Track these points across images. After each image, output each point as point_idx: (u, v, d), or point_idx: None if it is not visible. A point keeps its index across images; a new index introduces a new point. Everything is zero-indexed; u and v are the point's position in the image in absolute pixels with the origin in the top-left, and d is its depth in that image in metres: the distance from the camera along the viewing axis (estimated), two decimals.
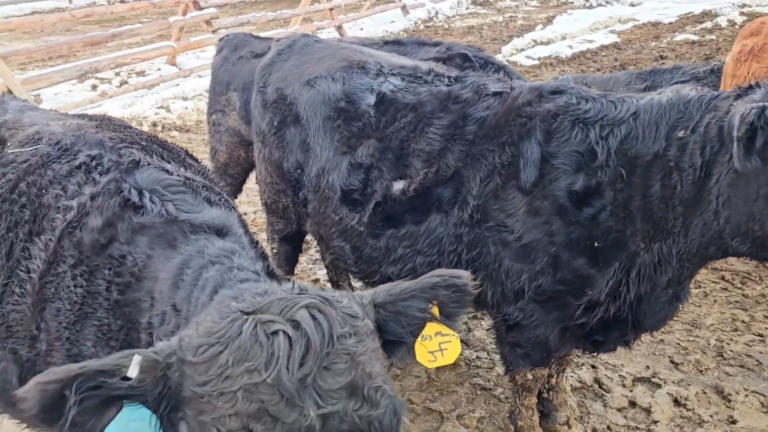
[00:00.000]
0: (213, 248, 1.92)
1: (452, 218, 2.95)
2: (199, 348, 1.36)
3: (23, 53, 10.33)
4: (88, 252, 2.03)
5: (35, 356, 2.12)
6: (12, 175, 2.39)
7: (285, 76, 3.65)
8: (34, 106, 3.21)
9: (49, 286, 2.06)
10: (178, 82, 11.65)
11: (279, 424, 1.27)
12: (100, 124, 2.78)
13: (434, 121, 3.02)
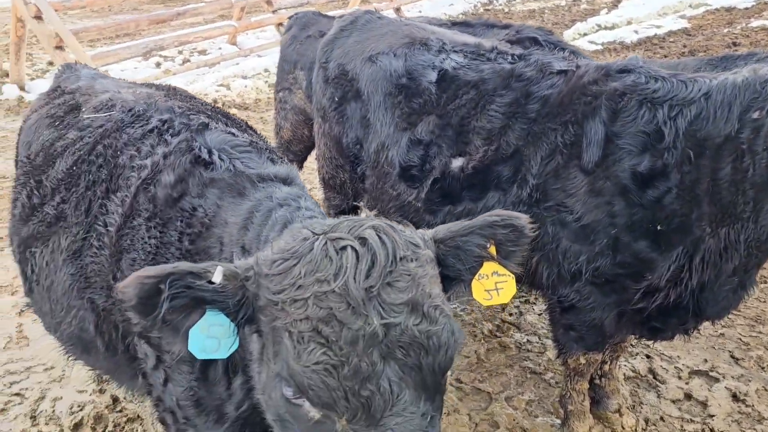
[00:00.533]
0: (280, 193, 2.04)
1: (510, 197, 2.93)
2: (274, 263, 1.49)
3: (93, 30, 10.70)
4: (162, 206, 2.14)
5: (111, 305, 2.24)
6: (89, 139, 2.52)
7: (347, 52, 3.68)
8: (105, 74, 3.35)
9: (126, 238, 2.18)
10: (238, 61, 11.84)
11: (345, 328, 1.37)
12: (168, 93, 2.89)
13: (496, 99, 2.99)
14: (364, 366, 1.35)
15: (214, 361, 1.99)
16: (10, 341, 4.36)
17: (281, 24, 12.64)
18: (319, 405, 1.39)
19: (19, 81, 10.25)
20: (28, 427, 3.61)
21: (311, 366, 1.36)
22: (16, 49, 9.98)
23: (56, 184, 2.52)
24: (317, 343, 1.37)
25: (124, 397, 3.82)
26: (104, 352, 2.41)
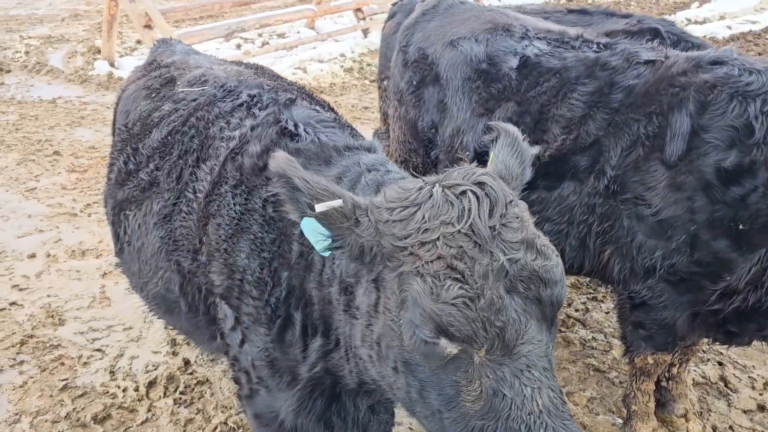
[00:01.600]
0: (367, 158, 2.12)
1: (586, 187, 2.89)
2: (394, 210, 1.59)
3: (180, 11, 11.11)
4: (248, 174, 2.24)
5: (196, 268, 2.36)
6: (183, 111, 2.66)
7: (428, 36, 3.69)
8: (197, 51, 3.49)
9: (213, 204, 2.29)
10: (315, 45, 12.03)
11: (477, 264, 1.46)
12: (257, 71, 3.00)
13: (578, 87, 2.95)
14: (496, 298, 1.45)
15: (291, 324, 2.08)
16: (94, 301, 4.64)
17: (360, 10, 12.75)
18: (460, 339, 1.48)
19: (110, 58, 10.77)
20: (107, 381, 3.85)
21: (450, 301, 1.45)
22: (109, 27, 10.49)
23: (151, 152, 2.67)
24: (453, 279, 1.46)
25: (195, 361, 4.01)
26: (186, 313, 2.55)
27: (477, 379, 1.50)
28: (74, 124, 8.26)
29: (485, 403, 1.49)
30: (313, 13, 12.31)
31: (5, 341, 4.16)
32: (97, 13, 15.97)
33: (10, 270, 4.97)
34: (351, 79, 10.25)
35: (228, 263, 2.19)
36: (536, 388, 1.47)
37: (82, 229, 5.63)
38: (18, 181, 6.52)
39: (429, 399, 1.61)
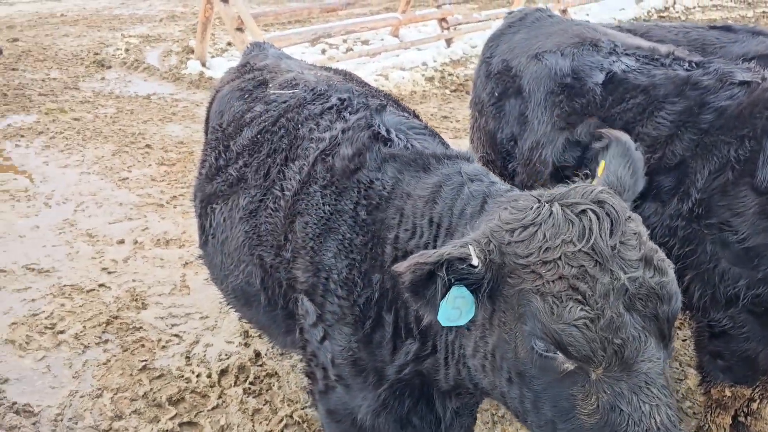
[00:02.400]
0: (468, 168, 2.12)
1: (669, 209, 2.81)
2: (514, 231, 1.61)
3: (271, 15, 11.51)
4: (339, 176, 2.30)
5: (278, 263, 2.45)
6: (274, 112, 2.77)
7: (512, 48, 3.69)
8: (288, 55, 3.63)
9: (301, 203, 2.36)
10: (399, 53, 12.16)
11: (598, 284, 1.48)
12: (345, 77, 3.09)
13: (666, 106, 2.87)
14: (615, 317, 1.46)
15: (381, 326, 2.11)
16: (175, 288, 4.87)
17: (444, 20, 12.80)
18: (577, 357, 1.50)
19: (202, 58, 11.28)
20: (182, 365, 4.04)
21: (572, 322, 1.48)
22: (203, 28, 10.98)
23: (241, 150, 2.79)
24: (575, 301, 1.49)
25: (265, 353, 4.14)
26: (265, 306, 2.64)
27: (594, 394, 1.52)
28: (166, 119, 8.70)
29: (602, 417, 1.51)
30: (398, 22, 12.45)
31: (93, 320, 4.44)
32: (192, 14, 16.76)
33: (101, 254, 5.30)
34: (432, 88, 10.29)
35: (314, 261, 2.25)
36: (655, 406, 1.47)
37: (167, 219, 5.92)
38: (112, 171, 6.93)
39: (543, 410, 1.64)
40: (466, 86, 10.24)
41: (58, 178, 6.75)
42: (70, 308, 4.55)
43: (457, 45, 12.67)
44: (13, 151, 7.44)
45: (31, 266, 5.07)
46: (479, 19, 13.76)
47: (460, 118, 8.80)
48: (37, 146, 7.59)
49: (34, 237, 5.54)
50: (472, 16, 13.92)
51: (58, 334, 4.27)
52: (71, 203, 6.18)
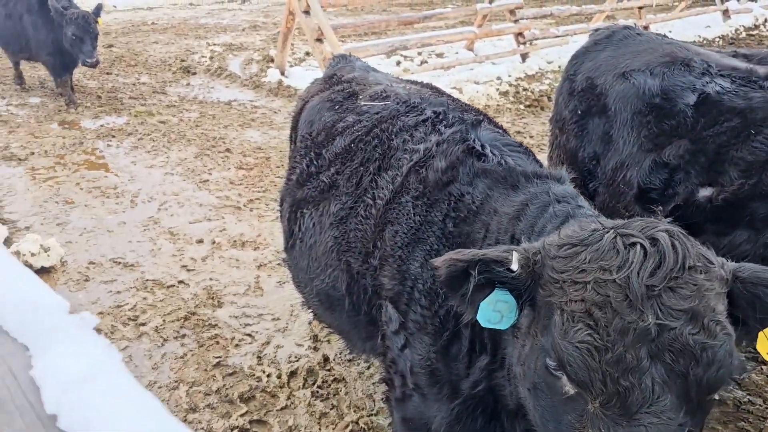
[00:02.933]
0: (558, 189, 2.11)
1: (763, 237, 2.69)
2: (562, 247, 1.60)
3: (350, 27, 11.72)
4: (431, 187, 2.33)
5: (365, 269, 2.51)
6: (367, 122, 2.84)
7: (598, 66, 3.64)
8: (373, 67, 3.70)
9: (392, 212, 2.41)
10: (473, 66, 12.14)
11: (618, 317, 1.42)
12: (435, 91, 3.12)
13: (764, 130, 2.76)
14: (629, 358, 1.39)
15: (458, 338, 2.13)
16: (249, 289, 5.03)
17: (521, 34, 12.70)
18: (575, 382, 1.47)
19: (281, 67, 11.62)
20: (254, 364, 4.16)
21: (575, 343, 1.45)
22: (284, 39, 11.32)
23: (333, 158, 2.86)
24: (585, 324, 1.45)
25: (334, 359, 4.21)
26: (348, 311, 2.69)
27: (589, 427, 1.47)
28: (245, 125, 9.00)
29: None
30: (474, 35, 12.45)
31: (172, 315, 4.63)
32: (273, 25, 17.30)
33: (182, 251, 5.53)
34: (506, 102, 10.22)
35: (401, 269, 2.29)
36: None
37: (244, 222, 6.12)
38: (194, 173, 7.23)
39: (548, 427, 1.63)
40: (541, 101, 10.11)
41: (145, 177, 7.09)
42: (152, 302, 4.77)
43: (532, 60, 12.54)
44: (105, 150, 7.88)
45: (118, 260, 5.35)
46: (556, 35, 13.58)
47: (534, 133, 8.70)
48: (126, 147, 8.01)
49: (121, 232, 5.85)
50: (549, 31, 13.75)
51: (140, 326, 4.47)
52: (156, 202, 6.49)
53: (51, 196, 6.56)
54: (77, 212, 6.23)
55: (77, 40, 8.80)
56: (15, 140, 8.10)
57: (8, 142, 8.03)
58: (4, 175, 7.02)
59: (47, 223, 5.99)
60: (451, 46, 13.73)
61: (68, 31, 8.75)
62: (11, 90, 10.35)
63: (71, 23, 8.74)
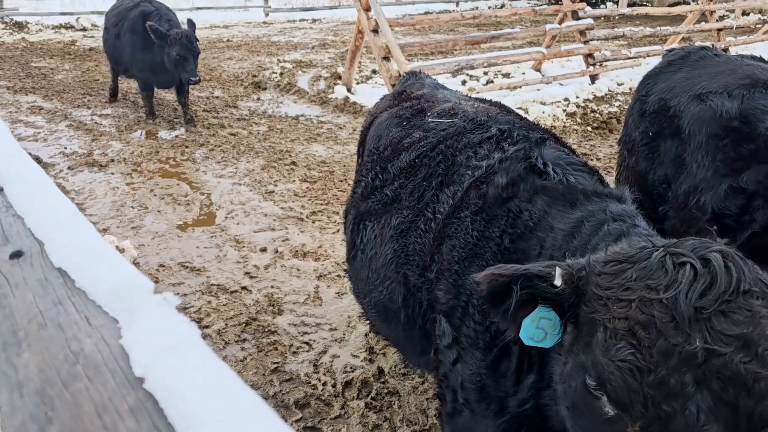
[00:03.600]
0: (615, 207, 2.07)
1: None
2: (608, 263, 1.56)
3: (417, 46, 11.84)
4: (490, 203, 2.34)
5: (422, 283, 2.52)
6: (432, 139, 2.87)
7: (672, 87, 3.55)
8: (443, 85, 3.74)
9: (451, 226, 2.43)
10: (540, 87, 12.02)
11: (662, 339, 1.37)
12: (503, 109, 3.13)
13: None
14: (673, 382, 1.34)
15: (508, 355, 2.12)
16: (308, 298, 5.11)
17: (591, 55, 12.50)
18: (615, 402, 1.43)
19: (348, 84, 11.83)
20: (310, 372, 4.22)
21: (616, 362, 1.41)
22: (352, 56, 11.54)
23: (398, 172, 2.91)
24: (628, 343, 1.41)
25: (388, 372, 4.22)
26: (404, 324, 2.71)
27: None
28: (311, 139, 9.21)
29: None
30: (542, 56, 12.35)
31: (234, 319, 4.76)
32: (342, 43, 17.66)
33: (245, 259, 5.69)
34: (572, 123, 10.07)
35: (456, 284, 2.30)
36: None
37: (306, 233, 6.24)
38: (260, 184, 7.43)
39: None
40: (610, 124, 9.91)
41: (214, 186, 7.35)
42: (216, 306, 4.92)
43: (602, 81, 12.31)
44: (179, 159, 8.22)
45: (186, 264, 5.55)
46: (628, 56, 13.29)
47: (601, 156, 8.53)
48: (198, 156, 8.33)
49: (190, 238, 6.07)
50: (621, 53, 13.47)
51: (203, 329, 4.62)
52: (223, 210, 6.71)
53: (127, 201, 6.89)
54: (150, 217, 6.51)
55: (181, 59, 8.90)
56: (97, 147, 8.56)
57: (91, 149, 8.50)
58: (86, 180, 7.42)
59: (123, 226, 6.29)
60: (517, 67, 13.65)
61: (172, 51, 8.86)
62: (96, 101, 10.96)
63: (175, 43, 8.85)
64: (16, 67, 13.29)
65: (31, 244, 1.30)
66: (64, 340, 0.96)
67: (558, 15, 13.25)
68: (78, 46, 16.31)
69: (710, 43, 4.59)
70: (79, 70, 13.30)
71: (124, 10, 9.79)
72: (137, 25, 9.41)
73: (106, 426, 0.79)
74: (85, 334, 0.97)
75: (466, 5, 27.16)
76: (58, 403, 0.86)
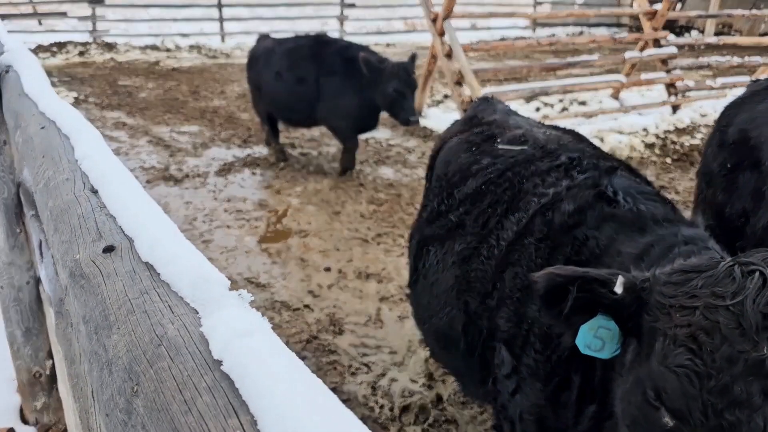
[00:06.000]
0: (687, 231, 2.02)
1: None
2: (674, 273, 1.52)
3: (490, 71, 11.83)
4: (556, 230, 2.29)
5: (483, 310, 2.49)
6: (501, 166, 2.85)
7: (754, 118, 3.38)
8: (515, 111, 3.70)
9: (514, 253, 2.40)
10: (617, 116, 11.70)
11: (726, 345, 1.32)
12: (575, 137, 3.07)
13: None
14: (737, 390, 1.28)
15: (568, 386, 2.06)
16: (369, 320, 5.12)
17: (672, 85, 12.09)
18: (673, 411, 1.38)
19: (419, 107, 11.90)
20: (368, 394, 4.21)
21: (673, 368, 1.37)
22: (424, 80, 11.63)
23: (464, 198, 2.90)
24: (687, 348, 1.36)
25: (447, 399, 4.15)
26: (463, 352, 2.68)
27: None
28: (379, 162, 9.30)
29: None
30: (620, 84, 12.03)
31: (295, 336, 4.82)
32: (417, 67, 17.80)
33: (309, 277, 5.77)
34: (650, 155, 9.73)
35: (518, 312, 2.26)
36: None
37: (370, 254, 6.28)
38: (328, 204, 7.55)
39: None
40: (691, 156, 9.51)
41: (282, 205, 7.52)
42: (278, 322, 5.00)
43: (684, 112, 11.87)
44: (249, 178, 8.48)
45: (252, 279, 5.69)
46: (712, 87, 12.76)
47: (680, 189, 8.18)
48: (268, 175, 8.56)
49: (257, 254, 6.22)
50: (705, 83, 12.95)
51: None
52: (290, 229, 6.85)
53: (199, 215, 7.14)
54: (221, 232, 6.72)
55: (399, 96, 7.46)
56: (174, 163, 8.95)
57: (168, 164, 8.89)
58: (162, 194, 7.76)
59: (194, 239, 6.51)
60: (595, 94, 13.36)
61: (388, 87, 7.39)
62: (175, 118, 11.48)
63: (392, 78, 7.39)
64: (105, 85, 14.13)
65: (122, 240, 1.43)
66: (150, 324, 1.06)
67: (639, 43, 12.91)
68: (162, 66, 17.19)
69: None
70: (161, 89, 14.00)
71: (300, 47, 8.27)
72: (335, 64, 7.88)
73: (185, 400, 0.87)
74: (168, 320, 1.05)
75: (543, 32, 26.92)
76: (143, 378, 0.95)
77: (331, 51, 8.04)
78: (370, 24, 26.08)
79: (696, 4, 26.37)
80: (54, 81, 14.01)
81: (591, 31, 27.49)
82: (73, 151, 2.04)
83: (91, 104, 12.31)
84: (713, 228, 3.53)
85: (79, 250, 1.47)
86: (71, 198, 1.76)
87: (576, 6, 28.01)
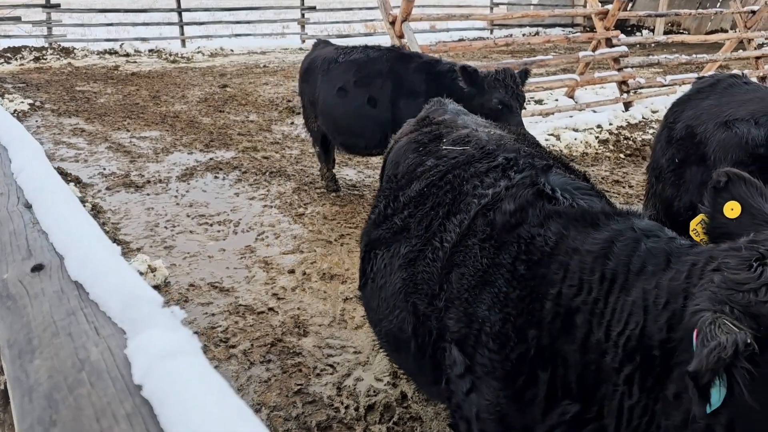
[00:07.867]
0: (642, 224, 2.00)
1: None
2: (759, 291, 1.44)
3: None
4: (499, 230, 2.32)
5: (431, 312, 2.53)
6: (443, 167, 2.90)
7: (699, 115, 3.53)
8: (466, 111, 3.77)
9: (458, 255, 2.43)
10: (572, 114, 11.98)
11: None
12: (518, 138, 3.15)
13: None
14: None
15: (534, 384, 2.04)
16: (334, 321, 5.15)
17: (625, 83, 12.43)
18: None
19: None
20: (333, 395, 4.23)
21: None
22: None
23: (408, 201, 2.93)
24: None
25: (411, 397, 4.21)
26: (414, 353, 2.69)
27: None
28: (342, 164, 9.32)
29: None
30: (575, 83, 12.32)
31: (260, 340, 4.82)
32: None
33: (273, 280, 5.77)
34: (605, 150, 9.99)
35: (467, 312, 2.28)
36: None
37: (333, 255, 6.30)
38: (291, 206, 7.55)
39: None
40: (643, 151, 9.80)
41: (246, 208, 7.49)
42: (243, 326, 4.99)
43: (636, 109, 12.22)
44: (212, 181, 8.41)
45: (215, 284, 5.66)
46: (663, 84, 13.17)
47: (633, 183, 8.43)
48: (231, 179, 8.51)
49: (220, 259, 6.19)
50: (655, 80, 13.36)
51: (230, 348, 4.69)
52: (253, 232, 6.83)
53: (161, 221, 7.06)
54: (183, 237, 6.66)
55: (505, 109, 6.02)
56: (134, 169, 8.82)
57: (129, 170, 8.76)
58: (122, 200, 7.64)
59: (155, 246, 6.44)
60: (551, 93, 13.65)
61: (493, 99, 6.00)
62: (135, 124, 11.30)
63: (496, 88, 6.03)
64: (62, 91, 13.82)
65: (52, 258, 1.39)
66: (73, 348, 1.03)
67: (592, 43, 13.24)
68: (120, 71, 16.90)
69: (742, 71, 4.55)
70: (120, 94, 13.77)
71: (372, 61, 7.05)
72: (418, 83, 6.63)
73: (102, 429, 0.84)
74: (93, 343, 1.03)
75: (500, 33, 27.30)
76: (62, 406, 0.92)
77: (412, 67, 6.77)
78: (331, 27, 26.06)
79: (646, 3, 27.12)
80: (8, 87, 13.64)
81: (546, 32, 28.02)
82: (10, 163, 1.99)
83: (48, 111, 12.02)
84: (662, 221, 3.68)
85: (8, 269, 1.44)
86: (4, 214, 1.72)
87: (531, 7, 28.51)
